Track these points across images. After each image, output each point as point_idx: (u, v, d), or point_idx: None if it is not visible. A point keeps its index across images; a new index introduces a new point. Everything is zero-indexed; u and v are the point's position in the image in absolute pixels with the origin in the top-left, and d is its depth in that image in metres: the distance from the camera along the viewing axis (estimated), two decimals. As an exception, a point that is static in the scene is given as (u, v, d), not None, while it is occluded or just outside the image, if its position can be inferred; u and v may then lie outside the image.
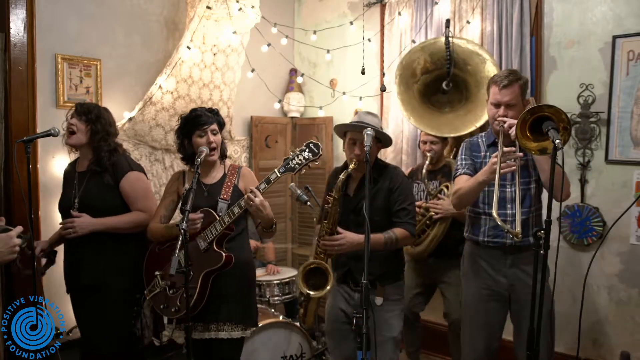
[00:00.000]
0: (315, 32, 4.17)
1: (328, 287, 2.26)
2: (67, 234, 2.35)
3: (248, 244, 2.48)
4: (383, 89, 3.77)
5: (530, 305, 1.91)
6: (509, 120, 2.22)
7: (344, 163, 2.51)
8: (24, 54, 3.06)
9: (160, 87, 3.46)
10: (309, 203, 2.41)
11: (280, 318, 3.09)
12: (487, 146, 2.45)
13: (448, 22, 3.30)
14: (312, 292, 2.31)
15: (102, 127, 2.46)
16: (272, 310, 3.26)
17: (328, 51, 4.11)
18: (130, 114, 3.42)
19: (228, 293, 2.30)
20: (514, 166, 2.13)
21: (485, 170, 2.22)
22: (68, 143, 2.48)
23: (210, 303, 2.26)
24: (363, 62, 3.82)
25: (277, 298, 3.40)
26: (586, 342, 3.10)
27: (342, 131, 2.44)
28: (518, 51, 3.22)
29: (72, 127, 2.44)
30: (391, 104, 3.89)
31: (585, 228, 3.08)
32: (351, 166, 2.29)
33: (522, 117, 1.93)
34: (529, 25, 3.23)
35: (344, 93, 4.09)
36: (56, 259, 2.60)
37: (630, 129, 2.94)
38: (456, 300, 2.97)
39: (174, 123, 2.85)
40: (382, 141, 2.41)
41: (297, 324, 3.12)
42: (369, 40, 3.99)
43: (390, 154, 3.85)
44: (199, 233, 2.25)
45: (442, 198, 2.98)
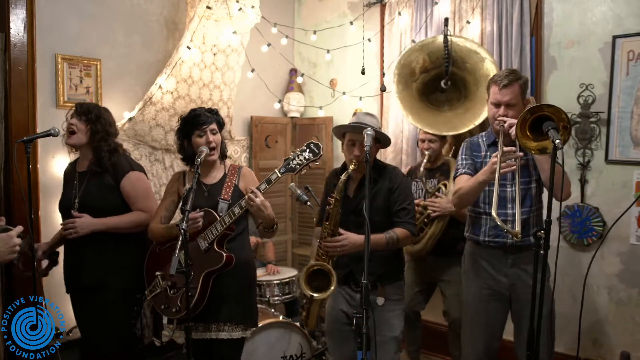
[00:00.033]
0: (315, 32, 4.17)
1: (332, 288, 2.24)
2: (68, 234, 2.35)
3: (249, 244, 2.48)
4: (383, 89, 3.77)
5: (531, 305, 1.91)
6: (509, 120, 2.22)
7: (343, 164, 2.52)
8: (24, 54, 3.06)
9: (160, 87, 3.46)
10: (309, 203, 2.42)
11: (280, 318, 3.09)
12: (488, 146, 2.45)
13: (446, 20, 3.30)
14: (315, 294, 2.29)
15: (102, 127, 2.45)
16: (272, 310, 3.26)
17: (328, 51, 4.11)
18: (130, 114, 3.43)
19: (229, 293, 2.30)
20: (514, 166, 2.13)
21: (486, 170, 2.22)
22: (68, 143, 2.48)
23: (211, 303, 2.25)
24: (363, 62, 3.82)
25: (277, 298, 3.40)
26: (586, 342, 3.10)
27: (341, 132, 2.44)
28: (518, 51, 3.22)
29: (72, 127, 2.44)
30: (391, 104, 3.89)
31: (585, 228, 3.08)
32: (351, 167, 2.28)
33: (522, 117, 1.93)
34: (529, 25, 3.23)
35: (344, 93, 4.09)
36: (58, 259, 2.60)
37: (630, 129, 2.94)
38: (455, 298, 2.97)
39: (174, 123, 2.85)
40: (380, 142, 2.41)
41: (297, 324, 3.12)
42: (369, 40, 3.99)
43: (390, 154, 3.85)
44: (199, 233, 2.25)
45: (440, 196, 2.98)
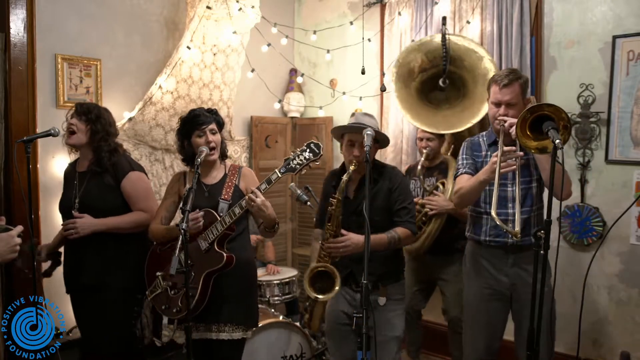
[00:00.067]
0: (315, 32, 4.17)
1: (337, 288, 2.21)
2: (69, 235, 2.35)
3: (249, 244, 2.48)
4: (383, 89, 3.77)
5: (531, 305, 1.91)
6: (509, 120, 2.22)
7: (341, 166, 2.52)
8: (24, 54, 3.06)
9: (160, 87, 3.46)
10: (309, 203, 2.41)
11: (280, 318, 3.09)
12: (488, 145, 2.45)
13: (444, 19, 3.31)
14: (320, 296, 2.25)
15: (102, 127, 2.45)
16: (272, 310, 3.26)
17: (328, 51, 4.11)
18: (130, 114, 3.42)
19: (229, 294, 2.29)
20: (514, 165, 2.13)
21: (486, 170, 2.22)
22: (68, 143, 2.48)
23: (212, 304, 2.25)
24: (363, 62, 3.82)
25: (277, 298, 3.40)
26: (586, 342, 3.10)
27: (340, 133, 2.43)
28: (518, 51, 3.22)
29: (72, 127, 2.43)
30: (391, 104, 3.89)
31: (585, 228, 3.08)
32: (352, 167, 2.28)
33: (522, 116, 1.93)
34: (529, 25, 3.23)
35: (344, 93, 4.09)
36: (60, 259, 2.60)
37: (630, 129, 2.94)
38: (454, 297, 2.98)
39: (174, 123, 2.85)
40: (379, 142, 2.41)
41: (297, 324, 3.12)
42: (369, 40, 3.99)
43: (390, 154, 3.85)
44: (200, 233, 2.25)
45: (437, 194, 2.99)
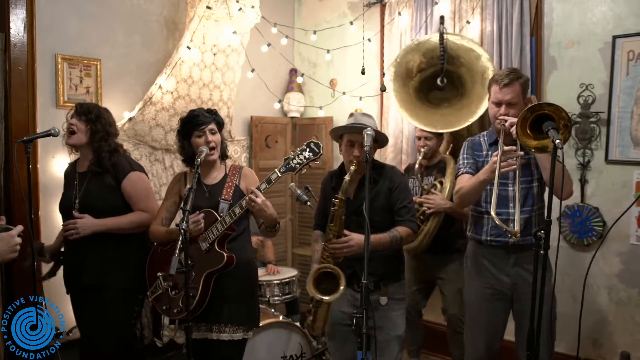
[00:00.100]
0: (315, 32, 4.17)
1: (342, 288, 2.19)
2: (70, 235, 2.34)
3: (250, 244, 2.48)
4: (383, 89, 3.77)
5: (531, 304, 1.91)
6: (510, 119, 2.22)
7: (340, 166, 2.51)
8: (24, 54, 3.06)
9: (160, 87, 3.46)
10: (309, 203, 2.41)
11: (280, 318, 3.09)
12: (489, 145, 2.45)
13: (442, 18, 3.31)
14: (326, 297, 2.23)
15: (102, 127, 2.45)
16: (272, 310, 3.26)
17: (328, 51, 4.10)
18: (130, 114, 3.42)
19: (230, 294, 2.29)
20: (514, 165, 2.13)
21: (487, 169, 2.22)
22: (68, 143, 2.48)
23: (213, 304, 2.25)
24: (363, 62, 3.82)
25: (277, 298, 3.40)
26: (586, 342, 3.10)
27: (339, 134, 2.43)
28: (518, 51, 3.22)
29: (72, 127, 2.43)
30: (391, 104, 3.88)
31: (585, 228, 3.08)
32: (352, 167, 2.28)
33: (523, 115, 1.93)
34: (529, 25, 3.23)
35: (344, 93, 4.09)
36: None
37: (630, 129, 2.94)
38: (453, 295, 2.98)
39: (174, 123, 2.85)
40: (378, 141, 2.41)
41: (297, 324, 3.11)
42: (369, 40, 3.98)
43: (390, 154, 3.85)
44: (200, 234, 2.24)
45: (435, 193, 2.99)
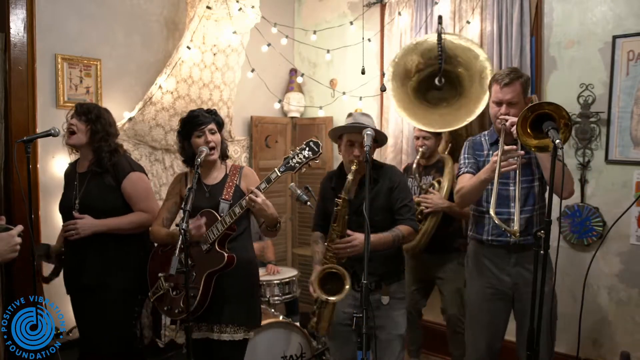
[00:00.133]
0: (315, 32, 4.17)
1: (347, 287, 2.18)
2: (70, 236, 2.34)
3: (251, 244, 2.47)
4: (383, 89, 3.76)
5: (531, 304, 1.91)
6: (510, 119, 2.22)
7: (339, 167, 2.51)
8: (24, 54, 3.06)
9: (160, 87, 3.46)
10: (309, 203, 2.41)
11: (280, 318, 3.09)
12: (490, 145, 2.45)
13: (440, 18, 3.32)
14: (331, 298, 2.21)
15: (102, 127, 2.45)
16: (272, 310, 3.26)
17: (328, 51, 4.11)
18: (130, 114, 3.42)
19: (231, 294, 2.29)
20: (515, 164, 2.13)
21: (487, 169, 2.22)
22: (68, 143, 2.48)
23: (214, 304, 2.25)
24: (363, 62, 3.82)
25: (277, 298, 3.40)
26: (586, 342, 3.10)
27: (338, 134, 2.42)
28: (518, 51, 3.22)
29: (72, 127, 2.43)
30: (391, 104, 3.88)
31: (585, 228, 3.08)
32: (353, 167, 2.28)
33: (523, 115, 1.93)
34: (529, 25, 3.23)
35: (344, 93, 4.09)
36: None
37: (630, 129, 2.94)
38: (452, 295, 2.99)
39: (174, 123, 2.85)
40: (378, 141, 2.40)
41: (297, 324, 3.11)
42: (369, 40, 3.99)
43: (390, 154, 3.85)
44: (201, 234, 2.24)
45: (433, 192, 2.99)
